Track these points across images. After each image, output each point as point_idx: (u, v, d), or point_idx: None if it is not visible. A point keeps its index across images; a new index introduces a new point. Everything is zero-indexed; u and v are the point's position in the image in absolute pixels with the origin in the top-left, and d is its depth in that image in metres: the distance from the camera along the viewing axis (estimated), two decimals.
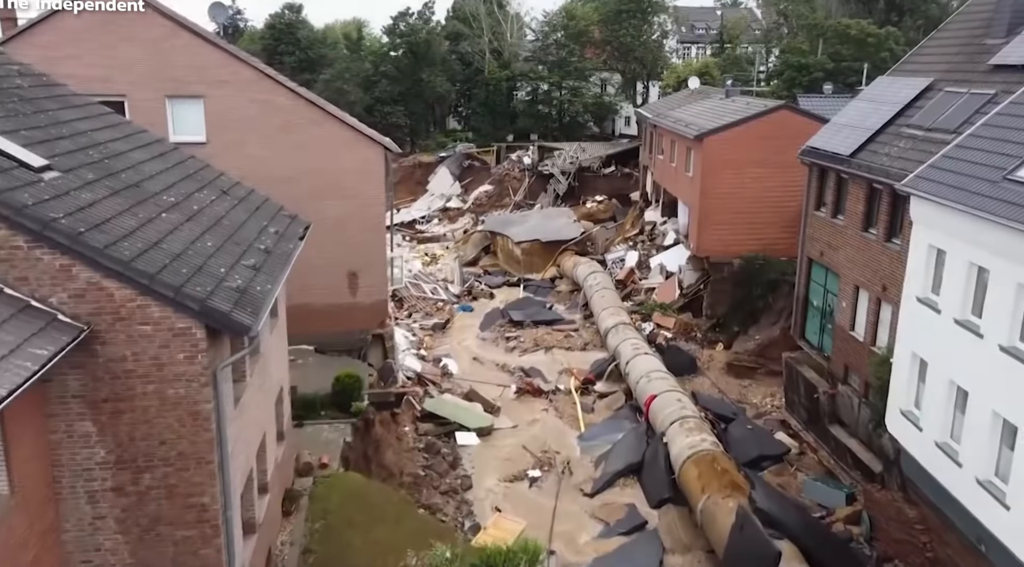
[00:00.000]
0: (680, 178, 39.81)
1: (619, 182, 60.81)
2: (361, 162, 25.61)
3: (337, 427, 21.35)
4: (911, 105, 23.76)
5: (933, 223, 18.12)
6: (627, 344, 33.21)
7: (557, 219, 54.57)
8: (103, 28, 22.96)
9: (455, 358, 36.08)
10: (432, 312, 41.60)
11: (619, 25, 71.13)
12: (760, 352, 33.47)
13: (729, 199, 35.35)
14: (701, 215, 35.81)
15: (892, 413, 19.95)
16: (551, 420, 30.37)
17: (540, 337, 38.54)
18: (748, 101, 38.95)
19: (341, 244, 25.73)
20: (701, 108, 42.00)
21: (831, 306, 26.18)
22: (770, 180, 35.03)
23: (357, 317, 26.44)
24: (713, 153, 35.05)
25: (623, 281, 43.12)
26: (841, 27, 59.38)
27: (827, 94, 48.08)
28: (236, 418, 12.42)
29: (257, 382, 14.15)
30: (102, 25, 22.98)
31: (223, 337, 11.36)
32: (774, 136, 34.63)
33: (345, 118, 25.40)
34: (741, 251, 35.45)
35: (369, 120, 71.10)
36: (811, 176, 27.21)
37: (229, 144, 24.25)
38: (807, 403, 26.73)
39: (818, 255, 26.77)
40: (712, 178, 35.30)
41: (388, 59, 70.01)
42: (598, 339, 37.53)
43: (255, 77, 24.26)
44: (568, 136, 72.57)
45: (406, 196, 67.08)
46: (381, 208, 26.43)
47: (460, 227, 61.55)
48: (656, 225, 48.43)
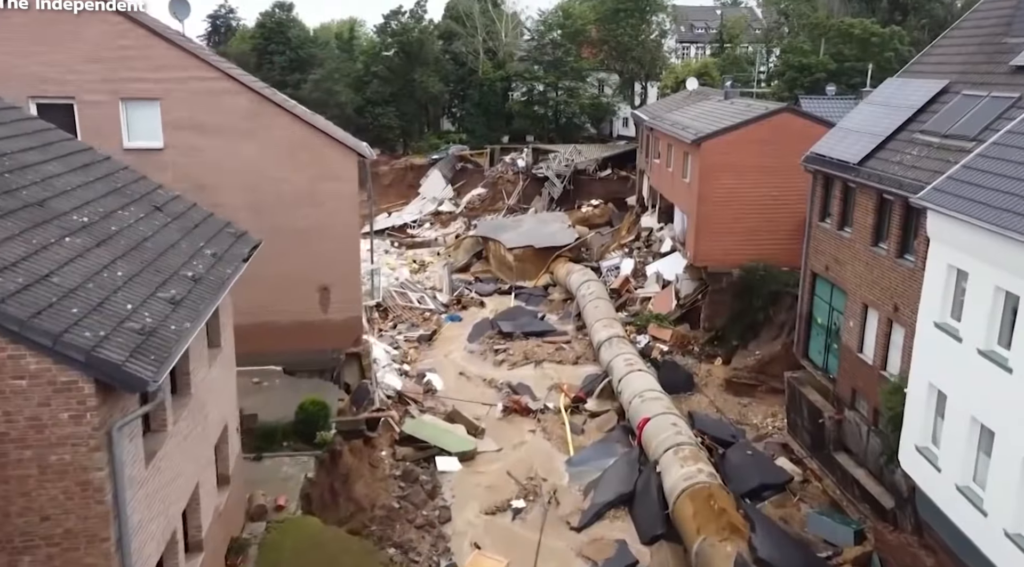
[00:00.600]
0: (677, 184, 37.93)
1: (616, 185, 58.94)
2: (333, 169, 23.75)
3: (299, 460, 19.46)
4: (924, 109, 21.86)
5: (953, 241, 16.23)
6: (620, 359, 31.36)
7: (551, 224, 52.70)
8: (49, 24, 21.08)
9: (440, 373, 34.21)
10: (418, 323, 39.72)
11: (616, 24, 69.14)
12: (760, 368, 31.59)
13: (728, 206, 33.47)
14: (698, 223, 33.92)
15: (906, 448, 18.07)
16: (538, 442, 28.49)
17: (530, 350, 36.66)
18: (748, 103, 37.06)
19: (311, 257, 23.90)
20: (699, 110, 40.12)
21: (837, 325, 24.28)
22: (771, 186, 33.16)
23: (329, 335, 24.55)
24: (711, 158, 33.17)
25: (618, 290, 41.24)
26: (844, 26, 57.47)
27: (830, 96, 46.19)
28: (149, 479, 10.54)
29: (186, 429, 12.28)
30: (48, 21, 21.10)
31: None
32: (775, 140, 32.76)
33: (316, 122, 23.52)
34: (740, 261, 33.57)
35: (360, 121, 69.51)
36: (815, 184, 25.32)
37: (188, 150, 22.46)
38: (811, 427, 24.85)
39: (823, 269, 24.87)
40: (710, 184, 33.42)
41: (379, 59, 68.07)
42: (591, 352, 35.67)
43: (217, 78, 22.37)
44: (564, 138, 70.71)
45: (397, 199, 65.30)
46: (355, 218, 24.59)
47: (452, 231, 59.70)
48: (653, 231, 46.55)
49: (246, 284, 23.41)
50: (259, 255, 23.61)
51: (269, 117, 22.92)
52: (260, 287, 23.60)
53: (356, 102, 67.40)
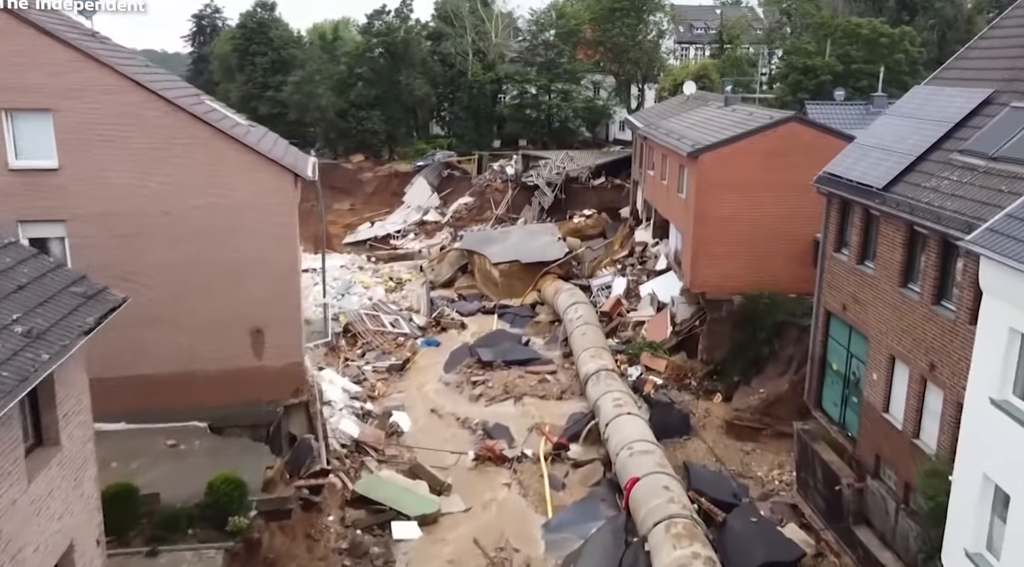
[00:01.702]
0: (672, 199, 34.19)
1: (610, 194, 55.15)
2: (264, 193, 20.04)
3: (204, 555, 15.77)
4: (964, 124, 18.14)
5: (1016, 298, 12.52)
6: (608, 399, 27.65)
7: (540, 237, 48.97)
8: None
9: (409, 410, 30.59)
10: (390, 350, 36.00)
11: (612, 24, 65.46)
12: (765, 409, 27.89)
13: (728, 226, 29.75)
14: (695, 245, 30.19)
15: (952, 551, 14.35)
16: (513, 499, 24.76)
17: (511, 382, 32.91)
18: (751, 111, 33.31)
19: (240, 295, 20.25)
20: (697, 118, 36.36)
21: (857, 375, 20.55)
22: (776, 204, 29.45)
23: (264, 385, 20.86)
24: (710, 172, 29.45)
25: (608, 313, 37.50)
26: (851, 26, 53.77)
27: (838, 101, 42.52)
28: None
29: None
30: None
31: None
32: (781, 152, 29.08)
33: (243, 138, 19.77)
34: (742, 287, 29.88)
35: (343, 126, 65.80)
36: (830, 209, 21.57)
37: (88, 170, 18.81)
38: (826, 492, 21.12)
39: (839, 309, 21.12)
40: (708, 201, 29.70)
41: (363, 60, 64.27)
42: (577, 384, 31.98)
43: (123, 86, 18.65)
44: (558, 142, 66.99)
45: (381, 208, 61.68)
46: (293, 249, 20.86)
47: (437, 242, 56.02)
48: (647, 246, 42.83)
49: (162, 328, 20.23)
50: (178, 294, 20.03)
51: (187, 132, 19.20)
52: (180, 330, 20.06)
53: (338, 106, 63.69)
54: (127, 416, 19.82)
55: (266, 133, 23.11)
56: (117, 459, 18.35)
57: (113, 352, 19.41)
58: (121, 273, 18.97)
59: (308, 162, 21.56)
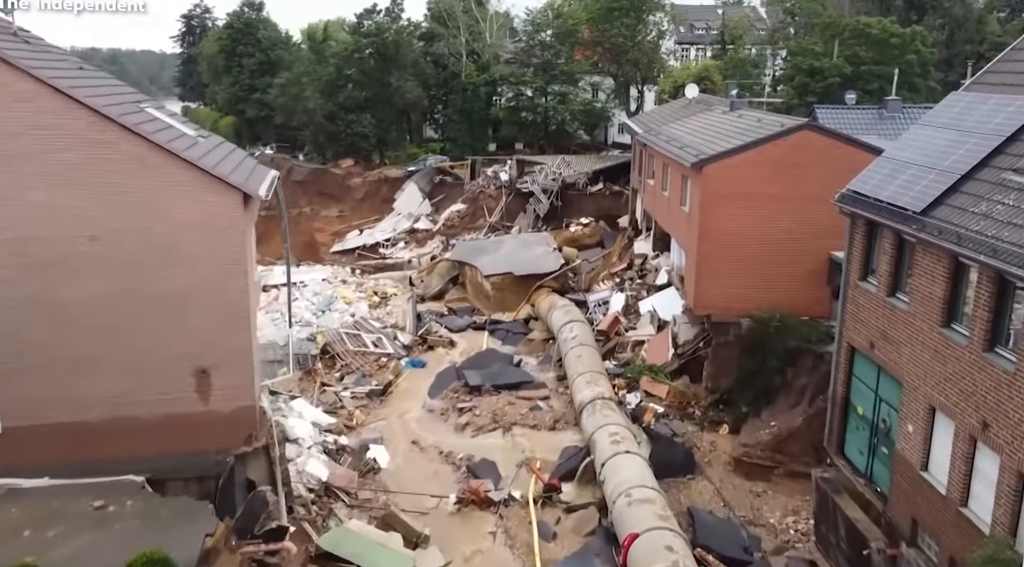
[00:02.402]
0: (674, 212, 31.50)
1: (608, 202, 52.47)
2: (209, 214, 17.34)
3: None
4: (1018, 137, 15.45)
5: None
6: (605, 434, 24.99)
7: (535, 247, 46.30)
8: None
9: (389, 441, 28.02)
10: (371, 373, 33.31)
11: (611, 24, 62.61)
12: (777, 446, 25.20)
13: (735, 243, 27.08)
14: (699, 263, 27.51)
15: None
16: (499, 551, 22.08)
17: (500, 409, 30.25)
18: (759, 117, 30.59)
19: (182, 330, 17.59)
20: (700, 124, 33.65)
21: (888, 423, 17.86)
22: (788, 219, 26.79)
23: (212, 432, 18.18)
24: (715, 185, 26.76)
25: (606, 332, 34.82)
26: (860, 26, 50.99)
27: (850, 105, 39.80)
28: None
29: None
30: None
31: None
32: (793, 163, 26.43)
33: (183, 152, 17.07)
34: (750, 308, 27.19)
35: (332, 129, 63.02)
36: (854, 232, 18.88)
37: (1, 189, 16.08)
38: (850, 553, 18.45)
39: (866, 346, 18.43)
40: (714, 216, 27.02)
41: (352, 61, 61.52)
42: (572, 412, 29.34)
43: (41, 92, 15.97)
44: (555, 146, 64.34)
45: (371, 215, 59.03)
46: (243, 277, 18.14)
47: (428, 252, 53.38)
48: (647, 259, 40.15)
49: (92, 368, 17.16)
50: (109, 330, 17.33)
51: (116, 145, 16.50)
52: (112, 371, 17.38)
53: (327, 109, 60.97)
54: (52, 470, 17.19)
55: (218, 145, 20.38)
56: (32, 525, 15.76)
57: (34, 396, 16.97)
58: (41, 307, 16.42)
59: (263, 179, 18.80)
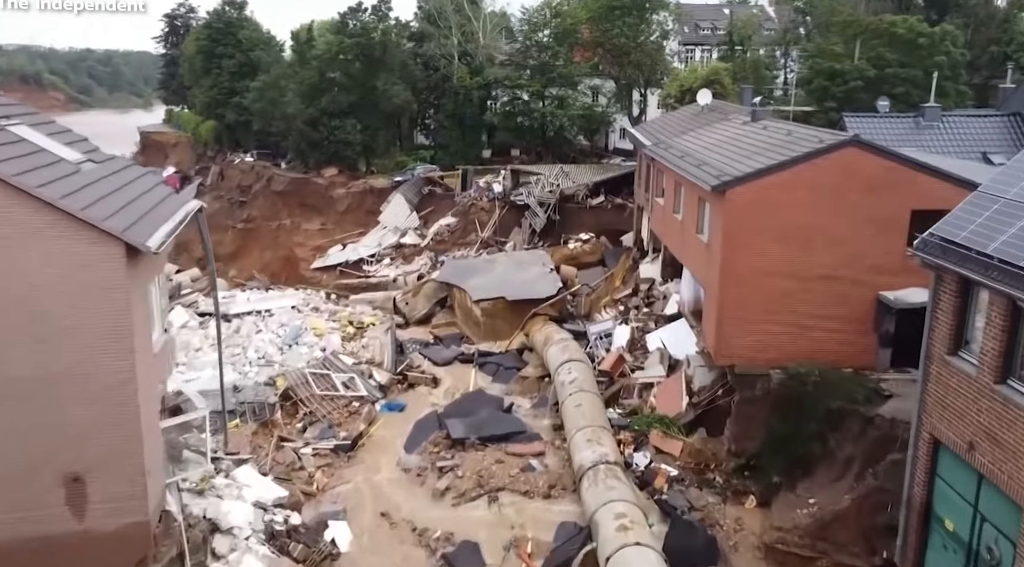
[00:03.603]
0: (688, 240, 26.82)
1: (610, 215, 47.77)
2: (77, 273, 12.72)
3: None
4: None
5: None
6: (609, 515, 20.44)
7: (530, 268, 41.68)
8: None
9: (353, 513, 23.42)
10: (340, 421, 28.68)
11: (612, 24, 57.95)
12: (819, 531, 20.50)
13: (765, 282, 22.43)
14: (722, 306, 22.84)
15: None
16: None
17: (487, 469, 25.63)
18: (788, 129, 25.84)
19: (46, 426, 12.96)
20: (718, 137, 28.95)
21: (996, 554, 13.19)
22: (828, 254, 22.19)
23: (90, 557, 13.57)
24: (741, 212, 22.11)
25: (609, 373, 30.18)
26: (884, 25, 46.32)
27: (883, 113, 35.12)
28: None
29: None
30: None
31: None
32: (835, 187, 21.84)
33: (38, 191, 12.45)
34: (782, 359, 22.62)
35: (314, 136, 58.30)
36: (940, 290, 14.24)
37: None
38: None
39: (960, 445, 13.76)
40: (739, 250, 22.37)
41: (336, 63, 56.79)
42: (570, 472, 24.79)
43: None
44: (553, 152, 59.75)
45: (355, 228, 54.36)
46: (128, 351, 13.51)
47: (415, 269, 48.71)
48: (655, 284, 35.54)
49: None
50: None
51: None
52: None
53: (309, 114, 56.23)
54: None
55: (111, 174, 15.71)
56: None
57: None
58: None
59: (162, 224, 14.14)
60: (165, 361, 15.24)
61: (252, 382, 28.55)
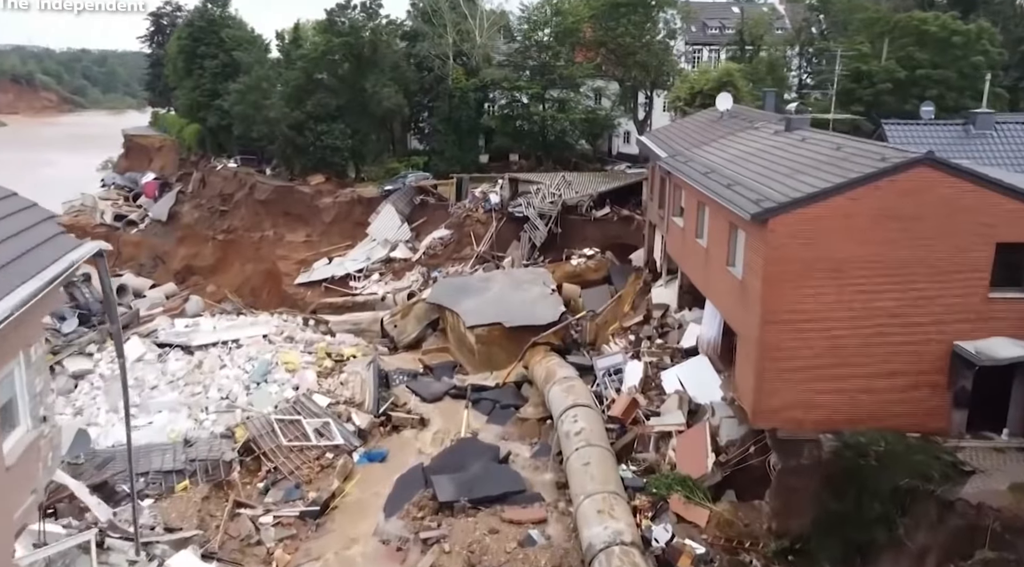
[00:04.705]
0: (715, 273, 22.58)
1: (616, 228, 43.76)
2: None
3: None
4: None
5: None
6: None
7: (529, 288, 37.57)
8: None
9: None
10: (310, 477, 24.51)
11: (616, 22, 53.78)
12: None
13: (815, 329, 18.28)
14: (761, 358, 18.64)
15: None
16: None
17: (479, 541, 21.50)
18: (836, 142, 21.50)
19: None
20: (747, 149, 24.71)
21: None
22: (892, 295, 18.05)
23: None
24: (789, 245, 17.93)
25: (620, 420, 25.99)
26: (914, 22, 42.14)
27: (927, 119, 30.89)
28: None
29: None
30: None
31: None
32: (903, 215, 17.69)
33: None
34: (835, 421, 18.53)
35: (300, 141, 53.83)
36: None
37: None
38: None
39: None
40: (785, 290, 18.18)
41: (323, 64, 52.53)
42: (576, 549, 20.66)
43: None
44: (554, 157, 55.60)
45: (342, 241, 50.22)
46: None
47: (406, 286, 44.59)
48: (669, 311, 31.37)
49: None
50: None
51: None
52: None
53: (294, 118, 51.98)
54: None
55: None
56: None
57: None
58: None
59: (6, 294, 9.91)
60: (31, 469, 11.10)
61: (207, 433, 24.38)
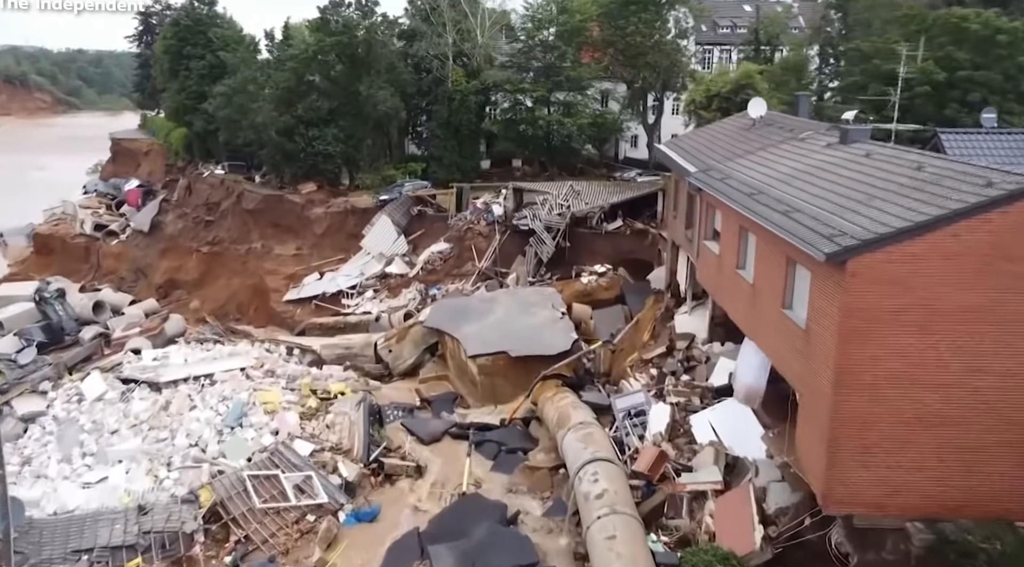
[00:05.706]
0: (766, 314, 18.81)
1: (629, 243, 40.14)
2: None
3: None
4: None
5: None
6: None
7: (537, 311, 33.92)
8: None
9: None
10: (287, 547, 20.81)
11: (626, 20, 50.04)
12: None
13: (904, 394, 14.59)
14: (835, 428, 14.92)
15: None
16: None
17: None
18: (917, 161, 17.68)
19: None
20: (794, 164, 20.93)
21: None
22: (999, 353, 14.35)
23: None
24: (873, 292, 14.22)
25: (646, 476, 22.27)
26: (954, 19, 38.41)
27: (988, 128, 27.18)
28: None
29: None
30: None
31: None
32: (1012, 257, 13.93)
33: None
34: (926, 507, 14.82)
35: (290, 147, 50.05)
36: None
37: None
38: None
39: None
40: (866, 346, 14.49)
41: (315, 65, 48.75)
42: None
43: None
44: (559, 163, 51.92)
45: (334, 254, 46.49)
46: None
47: (402, 304, 40.85)
48: (695, 342, 27.68)
49: None
50: None
51: None
52: None
53: (283, 123, 48.21)
54: None
55: None
56: None
57: None
58: None
59: None
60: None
61: (167, 496, 20.68)
